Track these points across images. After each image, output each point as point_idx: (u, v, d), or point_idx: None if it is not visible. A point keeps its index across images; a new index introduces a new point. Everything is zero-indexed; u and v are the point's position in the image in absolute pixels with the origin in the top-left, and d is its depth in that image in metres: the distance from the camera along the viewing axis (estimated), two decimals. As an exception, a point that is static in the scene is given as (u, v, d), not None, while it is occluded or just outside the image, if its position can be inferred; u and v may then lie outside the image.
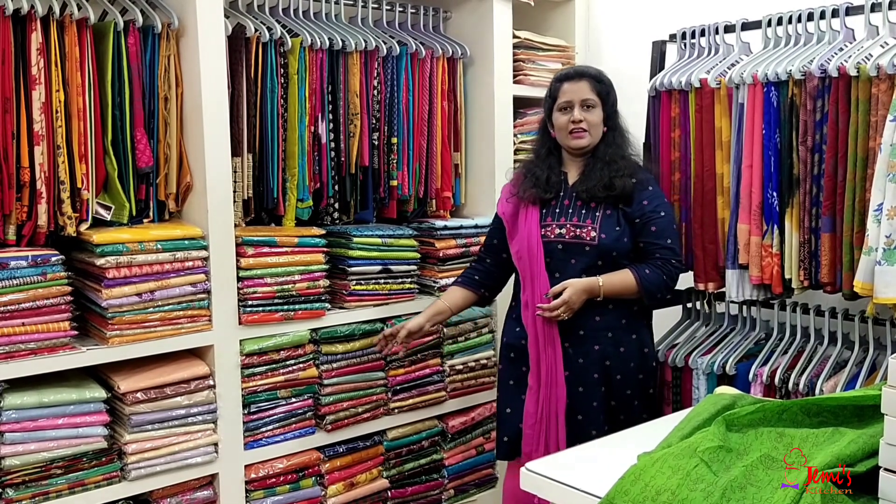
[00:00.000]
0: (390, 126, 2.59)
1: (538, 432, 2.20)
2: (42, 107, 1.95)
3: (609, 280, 2.13)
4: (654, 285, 2.13)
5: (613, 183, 2.13)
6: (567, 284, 2.11)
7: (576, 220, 2.17)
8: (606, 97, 2.20)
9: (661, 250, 2.14)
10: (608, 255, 2.14)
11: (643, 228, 2.15)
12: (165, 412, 2.10)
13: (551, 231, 2.19)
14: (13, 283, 1.89)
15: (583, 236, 2.15)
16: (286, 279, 2.31)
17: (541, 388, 2.19)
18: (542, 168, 2.25)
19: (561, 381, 2.17)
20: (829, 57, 2.06)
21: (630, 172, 2.16)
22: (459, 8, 2.82)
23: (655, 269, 2.13)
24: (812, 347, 2.26)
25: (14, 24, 1.92)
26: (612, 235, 2.14)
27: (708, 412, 1.44)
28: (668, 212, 2.19)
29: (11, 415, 1.90)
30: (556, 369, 2.18)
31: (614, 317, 2.17)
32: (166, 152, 2.19)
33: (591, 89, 2.19)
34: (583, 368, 2.17)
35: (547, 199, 2.22)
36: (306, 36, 2.36)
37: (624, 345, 2.19)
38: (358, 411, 2.48)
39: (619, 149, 2.20)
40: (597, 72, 2.24)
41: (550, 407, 2.19)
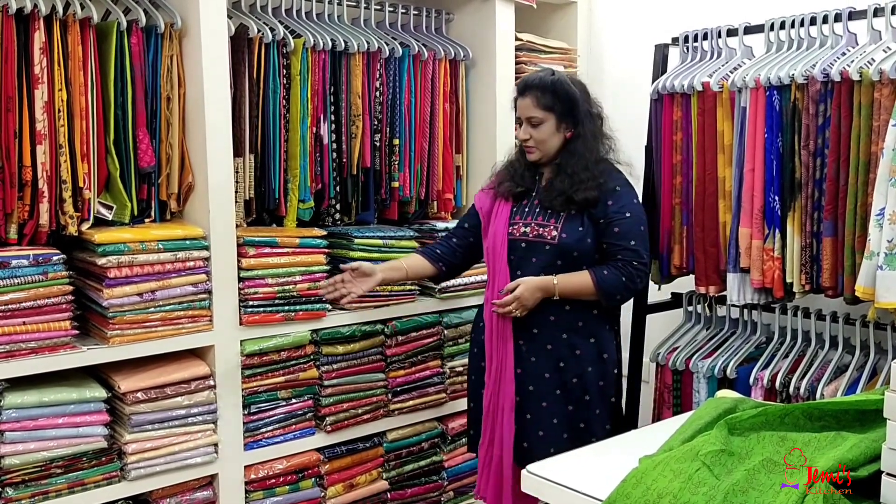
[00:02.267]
0: (392, 127, 2.60)
1: (488, 427, 2.21)
2: (44, 106, 1.95)
3: (565, 280, 2.10)
4: (612, 286, 2.09)
5: (573, 198, 2.09)
6: (521, 282, 2.09)
7: (540, 219, 2.15)
8: (553, 108, 2.12)
9: (623, 251, 2.09)
10: (568, 255, 2.11)
11: (606, 229, 2.11)
12: (165, 412, 2.10)
13: (517, 229, 2.17)
14: (14, 281, 1.89)
15: (544, 235, 2.13)
16: (287, 280, 2.31)
17: (490, 383, 2.20)
18: (519, 162, 2.23)
19: (510, 377, 2.16)
20: (832, 61, 2.06)
21: (595, 184, 2.09)
22: (462, 10, 2.82)
23: (615, 270, 2.09)
24: (813, 351, 2.26)
25: (17, 23, 1.92)
26: (574, 236, 2.11)
27: (709, 416, 1.44)
28: (635, 213, 2.13)
29: (11, 414, 1.90)
30: (505, 365, 2.17)
31: (570, 318, 2.13)
32: (168, 152, 2.19)
33: (536, 105, 2.12)
34: (534, 367, 2.15)
35: (519, 195, 2.20)
36: (309, 37, 2.36)
37: (580, 348, 2.14)
38: (358, 412, 2.48)
39: (581, 159, 2.12)
40: (548, 81, 2.13)
41: (499, 402, 2.18)
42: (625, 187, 2.15)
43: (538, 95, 2.13)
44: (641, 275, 2.13)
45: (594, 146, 2.15)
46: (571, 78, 2.21)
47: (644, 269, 2.13)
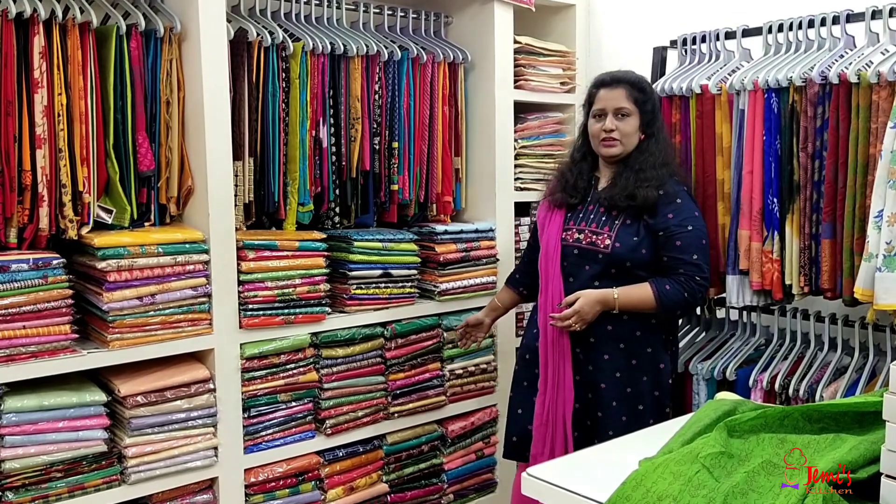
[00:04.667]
0: (391, 130, 2.60)
1: (544, 435, 2.19)
2: (44, 110, 1.95)
3: (625, 293, 2.07)
4: (673, 301, 2.06)
5: (636, 193, 2.07)
6: (580, 294, 2.07)
7: (595, 226, 2.13)
8: (643, 105, 2.13)
9: (685, 266, 2.05)
10: (621, 265, 2.09)
11: (667, 242, 2.07)
12: (165, 416, 2.10)
13: (570, 235, 2.17)
14: (14, 286, 1.89)
15: (598, 243, 2.11)
16: (287, 283, 2.31)
17: (548, 390, 2.18)
18: (572, 172, 2.23)
19: (569, 385, 2.15)
20: (830, 64, 2.07)
21: (658, 184, 2.08)
22: (461, 13, 2.83)
23: (677, 284, 2.05)
24: (812, 353, 2.27)
25: (16, 28, 1.92)
26: (628, 245, 2.08)
27: (709, 418, 1.44)
28: (696, 226, 2.09)
29: (11, 418, 1.89)
30: (563, 373, 2.15)
31: (627, 328, 2.11)
32: (168, 156, 2.19)
33: (627, 97, 2.12)
34: (592, 375, 2.14)
35: (573, 204, 2.20)
36: (308, 40, 2.36)
37: (637, 357, 2.12)
38: (358, 415, 2.48)
39: (651, 157, 2.11)
40: (636, 78, 2.17)
41: (557, 411, 2.17)
42: (686, 199, 2.12)
43: (630, 89, 2.13)
44: (703, 290, 2.09)
45: (665, 150, 2.14)
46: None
47: (705, 283, 2.09)
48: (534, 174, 2.91)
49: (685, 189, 2.15)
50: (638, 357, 2.12)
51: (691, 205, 2.13)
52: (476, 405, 2.78)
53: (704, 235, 2.11)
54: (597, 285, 2.10)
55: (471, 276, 2.72)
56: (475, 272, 2.73)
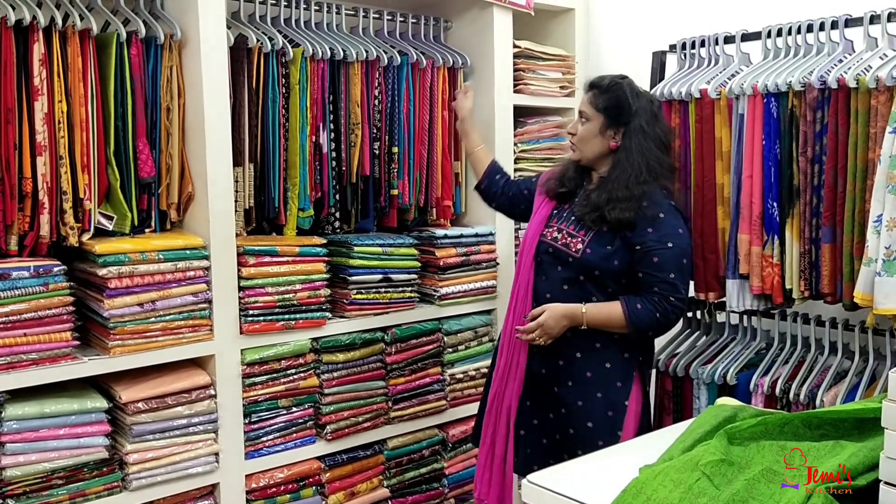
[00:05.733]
0: (391, 135, 2.60)
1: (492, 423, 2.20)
2: (44, 117, 1.95)
3: (594, 309, 2.01)
4: (644, 322, 1.98)
5: (607, 216, 1.99)
6: (546, 308, 2.03)
7: (572, 228, 2.09)
8: (607, 110, 2.06)
9: (660, 284, 1.97)
10: (589, 272, 2.03)
11: (644, 258, 1.98)
12: (166, 422, 2.10)
13: (549, 233, 2.13)
14: (15, 293, 1.89)
15: (570, 246, 2.06)
16: (287, 288, 2.31)
17: (497, 380, 2.19)
18: (570, 165, 2.18)
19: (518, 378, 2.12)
20: (829, 68, 2.07)
21: (633, 206, 1.98)
22: (460, 18, 2.83)
23: (649, 304, 1.97)
24: (812, 357, 2.27)
25: (16, 35, 1.93)
26: (599, 254, 2.02)
27: (709, 424, 1.44)
28: (678, 244, 1.99)
29: (13, 425, 1.90)
30: (516, 366, 2.13)
31: (586, 338, 2.04)
32: (168, 162, 2.19)
33: (589, 101, 2.09)
34: (546, 378, 2.10)
35: (563, 197, 2.16)
36: (308, 46, 2.36)
37: (592, 371, 2.05)
38: (358, 420, 2.48)
39: (623, 174, 2.01)
40: (607, 83, 2.09)
41: (503, 402, 2.17)
42: (670, 215, 2.01)
43: (595, 93, 2.09)
44: (677, 311, 2.00)
45: (639, 165, 2.01)
46: (644, 93, 2.12)
47: (681, 305, 2.01)
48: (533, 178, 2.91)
49: (672, 203, 2.05)
50: (594, 371, 2.05)
51: (675, 221, 2.03)
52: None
53: (686, 255, 2.02)
54: (566, 289, 2.06)
55: (471, 281, 2.72)
56: (475, 276, 2.73)
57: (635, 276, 2.02)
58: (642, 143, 2.04)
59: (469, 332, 2.73)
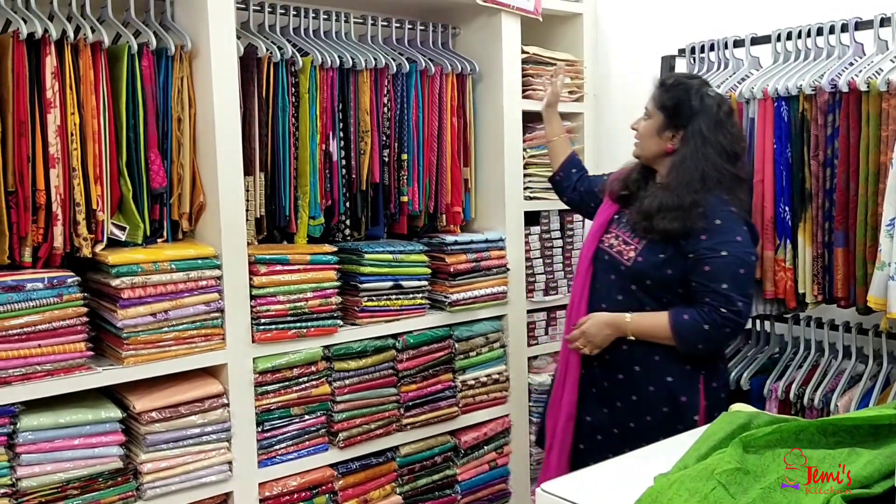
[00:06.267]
0: (400, 142, 2.61)
1: (552, 427, 2.16)
2: (57, 130, 1.96)
3: (639, 319, 1.95)
4: (690, 334, 1.90)
5: (655, 227, 1.93)
6: (590, 316, 2.00)
7: (628, 235, 2.03)
8: (667, 108, 1.99)
9: (710, 294, 1.87)
10: (641, 282, 1.97)
11: (696, 266, 1.90)
12: (180, 431, 2.11)
13: (607, 239, 2.09)
14: (30, 304, 1.90)
15: (623, 254, 2.01)
16: (299, 297, 2.32)
17: (556, 386, 2.15)
18: (635, 166, 2.13)
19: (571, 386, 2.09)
20: (840, 72, 2.07)
21: (682, 215, 1.89)
22: (468, 24, 2.83)
23: (697, 315, 1.89)
24: (826, 362, 2.26)
25: (28, 49, 1.94)
26: (650, 262, 1.95)
27: (724, 431, 1.44)
28: (733, 252, 1.88)
29: (28, 436, 1.91)
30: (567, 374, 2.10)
31: (644, 351, 1.98)
32: (180, 172, 2.20)
33: (652, 97, 2.04)
34: (608, 392, 2.06)
35: (624, 199, 2.10)
36: (317, 55, 2.37)
37: (655, 385, 1.98)
38: (371, 428, 2.48)
39: (676, 180, 1.93)
40: (672, 81, 2.04)
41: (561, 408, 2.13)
42: (729, 222, 1.91)
43: (659, 90, 2.04)
44: (731, 324, 1.89)
45: (693, 172, 1.93)
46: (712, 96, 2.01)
47: (734, 317, 1.88)
48: (543, 183, 2.91)
49: (732, 210, 1.93)
50: (656, 385, 1.98)
51: (734, 228, 1.91)
52: (489, 415, 2.78)
53: (743, 264, 1.89)
54: (620, 299, 2.02)
55: (481, 287, 2.72)
56: (486, 282, 2.73)
57: (690, 285, 1.93)
58: (699, 149, 1.94)
59: (480, 339, 2.73)
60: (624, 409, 2.04)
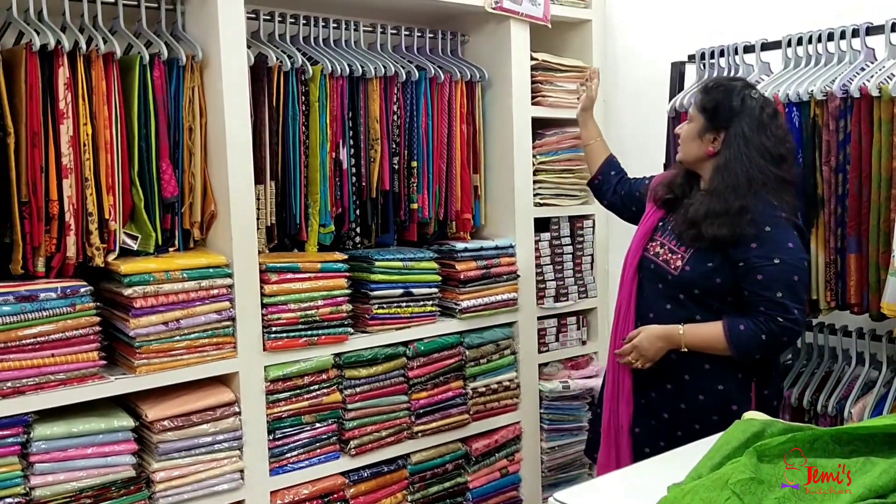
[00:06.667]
0: (410, 150, 2.61)
1: (608, 444, 2.12)
2: (70, 140, 1.97)
3: (693, 331, 1.91)
4: (746, 344, 1.86)
5: (703, 233, 1.89)
6: (642, 329, 1.96)
7: (674, 243, 1.99)
8: (707, 111, 1.96)
9: (766, 303, 1.83)
10: (690, 291, 1.93)
11: (747, 275, 1.85)
12: (192, 440, 2.11)
13: (653, 247, 2.05)
14: (43, 314, 1.91)
15: (670, 263, 1.97)
16: (309, 304, 2.32)
17: (608, 400, 2.11)
18: (680, 170, 2.09)
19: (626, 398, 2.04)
20: (851, 77, 2.06)
21: (730, 221, 1.85)
22: (477, 31, 2.84)
23: (753, 325, 1.85)
24: (840, 368, 2.25)
25: (41, 60, 1.95)
26: (699, 271, 1.91)
27: (737, 440, 1.43)
28: (786, 259, 1.84)
29: (41, 445, 1.92)
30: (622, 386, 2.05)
31: (694, 359, 1.94)
32: (191, 182, 2.21)
33: (696, 102, 2.00)
34: (656, 403, 2.02)
35: (669, 205, 2.07)
36: (326, 64, 2.38)
37: (705, 394, 1.94)
38: (381, 435, 2.48)
39: (722, 184, 1.89)
40: (713, 84, 2.00)
41: (616, 423, 2.08)
42: (779, 228, 1.86)
43: (701, 93, 2.01)
44: (788, 332, 1.85)
45: (738, 175, 1.89)
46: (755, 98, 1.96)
47: (791, 325, 1.84)
48: (553, 189, 2.91)
49: (782, 215, 1.88)
50: (706, 393, 1.95)
51: (785, 234, 1.86)
52: (499, 423, 2.78)
53: (797, 270, 1.85)
54: (669, 308, 1.98)
55: (492, 294, 2.72)
56: (496, 289, 2.73)
57: (741, 294, 1.89)
58: (742, 152, 1.90)
59: (491, 346, 2.73)
60: (671, 420, 2.00)
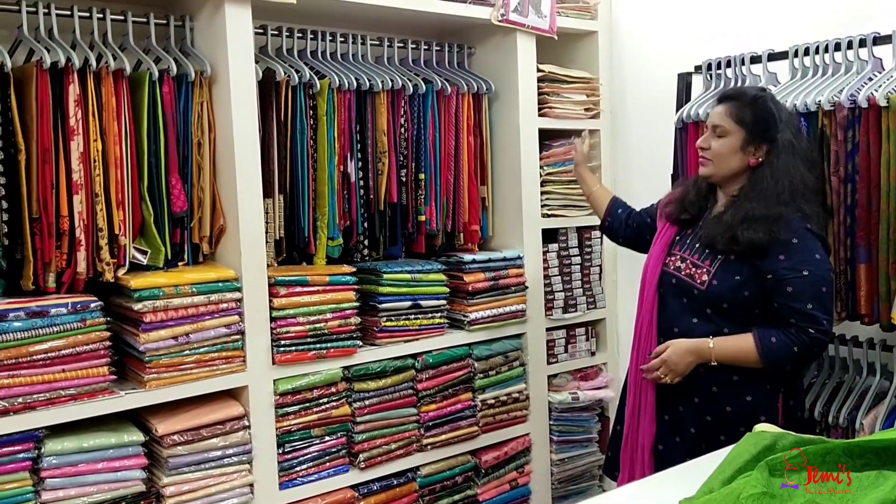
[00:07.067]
0: (417, 162, 2.62)
1: (629, 462, 2.09)
2: (80, 156, 1.99)
3: (723, 345, 1.89)
4: (779, 357, 1.85)
5: (739, 237, 1.86)
6: (670, 344, 1.93)
7: (697, 257, 1.97)
8: (750, 125, 1.92)
9: (796, 315, 1.82)
10: (718, 305, 1.91)
11: (777, 287, 1.85)
12: (202, 454, 2.12)
13: (672, 262, 2.03)
14: (54, 329, 1.92)
15: (695, 277, 1.94)
16: (318, 318, 2.33)
17: (629, 418, 2.08)
18: (689, 189, 2.07)
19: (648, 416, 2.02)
20: (859, 87, 2.06)
21: (769, 227, 1.84)
22: (483, 44, 2.85)
23: (785, 337, 1.84)
24: (851, 379, 2.23)
25: (52, 77, 1.97)
26: (727, 284, 1.90)
27: (749, 453, 1.42)
28: (815, 271, 1.83)
29: (52, 460, 1.92)
30: (644, 404, 2.03)
31: (721, 371, 1.92)
32: (200, 196, 2.22)
33: (728, 114, 1.94)
34: (682, 417, 1.99)
35: (685, 222, 2.06)
36: (334, 78, 2.39)
37: (732, 405, 1.93)
38: (391, 448, 2.48)
39: (764, 192, 1.87)
40: (749, 94, 1.96)
41: (637, 441, 2.06)
42: (805, 240, 1.86)
43: (735, 105, 1.95)
44: (818, 343, 1.85)
45: (783, 183, 1.88)
46: (785, 105, 2.01)
47: (822, 337, 1.84)
48: (561, 200, 2.91)
49: (808, 227, 1.87)
50: (734, 405, 1.93)
51: (812, 246, 1.86)
52: (509, 434, 2.77)
53: (825, 282, 1.85)
54: (695, 322, 1.96)
55: (500, 305, 2.72)
56: (504, 301, 2.73)
57: (770, 306, 1.88)
58: (790, 161, 1.90)
59: (499, 357, 2.72)
60: (697, 435, 1.97)
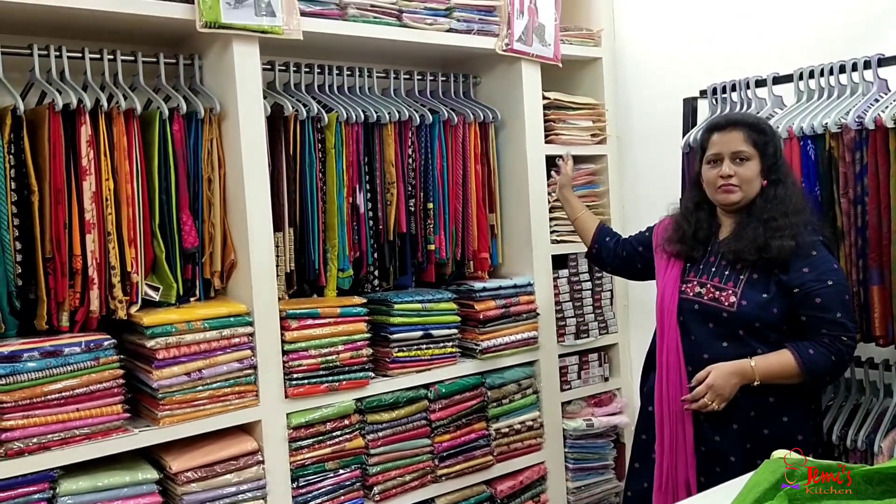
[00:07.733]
0: (426, 192, 2.63)
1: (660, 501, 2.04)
2: (93, 196, 2.01)
3: (764, 363, 1.88)
4: (820, 368, 1.85)
5: (769, 244, 1.87)
6: (712, 368, 1.90)
7: (717, 280, 1.96)
8: (764, 147, 1.95)
9: (828, 325, 1.85)
10: (749, 325, 1.90)
11: (805, 300, 1.86)
12: (216, 490, 2.11)
13: (690, 288, 2.01)
14: (67, 369, 1.92)
15: (721, 300, 1.93)
16: (330, 350, 2.33)
17: (665, 455, 2.02)
18: (689, 223, 2.07)
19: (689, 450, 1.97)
20: (865, 109, 2.06)
21: (792, 234, 1.88)
22: (489, 73, 2.87)
23: (821, 347, 1.85)
24: (868, 401, 2.21)
25: (64, 119, 1.99)
26: (756, 303, 1.90)
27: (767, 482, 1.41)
28: (837, 280, 1.87)
29: (67, 501, 1.91)
30: (683, 437, 1.98)
31: (759, 394, 1.90)
32: (211, 232, 2.24)
33: (745, 140, 1.95)
34: (720, 446, 1.95)
35: (694, 255, 2.05)
36: (342, 111, 2.41)
37: (770, 427, 1.91)
38: (405, 480, 2.46)
39: (780, 204, 1.91)
40: (754, 120, 2.01)
41: (677, 478, 2.00)
42: (823, 251, 1.92)
43: (748, 132, 1.96)
44: (851, 350, 1.88)
45: (794, 195, 1.95)
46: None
47: (852, 344, 1.88)
48: (569, 227, 2.90)
49: (821, 240, 1.93)
50: (771, 427, 1.91)
51: (829, 256, 1.92)
52: (524, 463, 2.75)
53: (846, 290, 1.90)
54: (725, 346, 1.93)
55: (512, 333, 2.71)
56: (516, 328, 2.72)
57: (797, 320, 1.90)
58: (788, 179, 1.98)
59: (513, 385, 2.71)
60: (738, 463, 1.91)
